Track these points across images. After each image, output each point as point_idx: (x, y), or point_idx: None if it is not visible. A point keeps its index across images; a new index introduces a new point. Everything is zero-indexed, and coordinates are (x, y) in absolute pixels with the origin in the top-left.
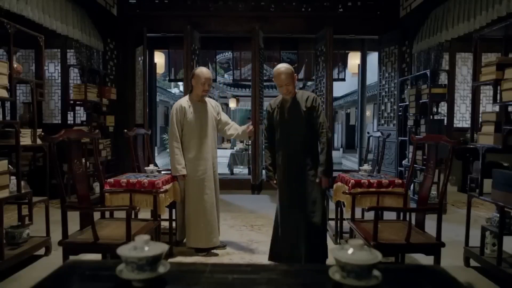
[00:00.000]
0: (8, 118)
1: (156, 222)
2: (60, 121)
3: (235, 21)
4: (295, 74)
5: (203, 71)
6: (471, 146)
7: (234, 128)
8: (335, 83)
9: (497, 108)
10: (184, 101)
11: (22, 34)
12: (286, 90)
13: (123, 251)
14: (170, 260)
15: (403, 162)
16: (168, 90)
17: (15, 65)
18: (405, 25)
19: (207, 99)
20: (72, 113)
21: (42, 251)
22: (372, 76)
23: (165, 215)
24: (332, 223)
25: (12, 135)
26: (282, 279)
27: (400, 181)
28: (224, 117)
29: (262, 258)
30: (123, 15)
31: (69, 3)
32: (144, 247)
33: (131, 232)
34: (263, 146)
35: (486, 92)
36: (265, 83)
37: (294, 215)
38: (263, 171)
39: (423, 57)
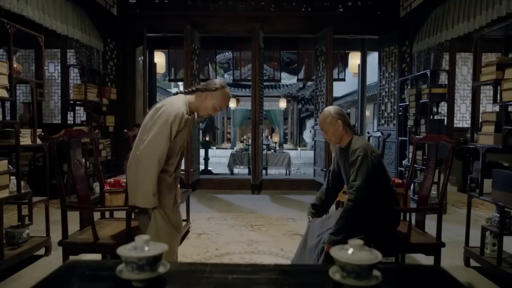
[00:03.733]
0: (8, 118)
1: None
2: (60, 121)
3: (235, 21)
4: (338, 121)
5: (229, 95)
6: (471, 146)
7: None
8: (335, 83)
9: (497, 108)
10: (184, 108)
11: (22, 34)
12: (327, 138)
13: (123, 251)
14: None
15: (403, 162)
16: (168, 90)
17: (15, 65)
18: (405, 25)
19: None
20: (72, 113)
21: (42, 251)
22: (372, 76)
23: None
24: None
25: (12, 135)
26: (282, 279)
27: (400, 181)
28: None
29: (262, 258)
30: (123, 15)
31: (69, 3)
32: (144, 247)
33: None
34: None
35: (486, 92)
36: (265, 83)
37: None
38: (263, 171)
39: (423, 57)
